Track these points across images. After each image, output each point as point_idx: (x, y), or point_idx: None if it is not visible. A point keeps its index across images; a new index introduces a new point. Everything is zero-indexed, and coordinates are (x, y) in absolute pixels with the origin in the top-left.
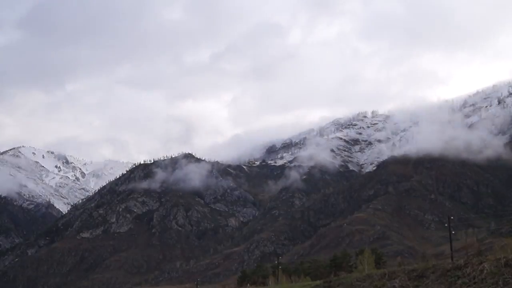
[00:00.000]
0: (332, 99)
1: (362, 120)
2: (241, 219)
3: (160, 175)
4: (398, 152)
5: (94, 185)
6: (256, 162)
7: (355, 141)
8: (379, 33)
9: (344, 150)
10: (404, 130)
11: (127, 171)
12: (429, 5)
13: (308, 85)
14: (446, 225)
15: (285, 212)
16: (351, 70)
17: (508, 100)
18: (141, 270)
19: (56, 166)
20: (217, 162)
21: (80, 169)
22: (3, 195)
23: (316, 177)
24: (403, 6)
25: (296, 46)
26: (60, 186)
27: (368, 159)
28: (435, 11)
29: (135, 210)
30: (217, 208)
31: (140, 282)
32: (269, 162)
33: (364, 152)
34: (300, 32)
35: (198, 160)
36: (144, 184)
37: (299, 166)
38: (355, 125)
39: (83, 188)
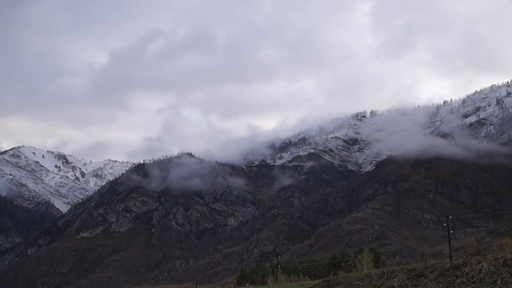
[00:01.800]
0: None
1: (361, 120)
2: (241, 218)
3: (159, 174)
4: (396, 151)
5: (94, 185)
6: (255, 162)
7: (354, 141)
8: (439, 63)
9: (343, 150)
10: (402, 130)
11: (126, 170)
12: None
13: None
14: (444, 224)
15: (284, 212)
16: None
17: (507, 100)
18: (140, 269)
19: (56, 166)
20: (217, 162)
21: (80, 169)
22: (3, 195)
23: (315, 177)
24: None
25: (361, 70)
26: (60, 186)
27: (367, 159)
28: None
29: (134, 210)
30: (217, 208)
31: (139, 281)
32: (268, 161)
33: (363, 151)
34: (370, 61)
35: (198, 159)
36: (143, 184)
37: (298, 165)
38: (354, 125)
39: (83, 188)
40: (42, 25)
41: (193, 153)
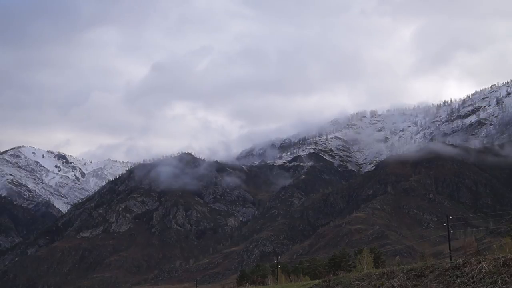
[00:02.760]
0: None
1: (361, 120)
2: (241, 218)
3: (159, 174)
4: (396, 152)
5: (94, 185)
6: (255, 162)
7: (354, 141)
8: (469, 77)
9: (343, 150)
10: (402, 130)
11: (126, 170)
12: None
13: None
14: (444, 224)
15: (284, 212)
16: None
17: (506, 100)
18: (140, 269)
19: (56, 166)
20: (217, 162)
21: (80, 168)
22: (3, 195)
23: (315, 177)
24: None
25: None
26: (60, 186)
27: (367, 159)
28: None
29: (134, 210)
30: (217, 208)
31: (139, 281)
32: (268, 161)
33: (363, 152)
34: (405, 74)
35: (198, 160)
36: (143, 184)
37: (298, 165)
38: (354, 125)
39: (83, 188)
40: (96, 46)
41: (193, 153)
